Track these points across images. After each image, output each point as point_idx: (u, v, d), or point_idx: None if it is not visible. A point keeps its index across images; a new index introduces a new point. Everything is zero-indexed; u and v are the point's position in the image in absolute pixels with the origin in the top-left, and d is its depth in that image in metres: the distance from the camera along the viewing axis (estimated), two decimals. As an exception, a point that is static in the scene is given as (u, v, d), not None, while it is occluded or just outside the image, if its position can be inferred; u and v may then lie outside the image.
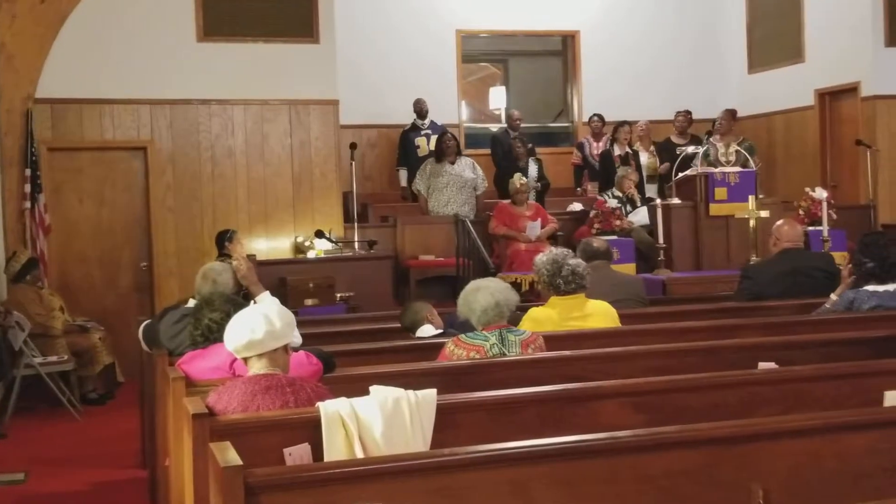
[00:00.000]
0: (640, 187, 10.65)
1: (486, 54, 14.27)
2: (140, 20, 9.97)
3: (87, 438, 7.72)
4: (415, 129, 11.65)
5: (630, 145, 11.26)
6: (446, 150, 10.79)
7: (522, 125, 12.06)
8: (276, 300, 3.78)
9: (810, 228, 9.28)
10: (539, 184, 10.99)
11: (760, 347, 4.93)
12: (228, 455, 2.83)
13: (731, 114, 11.15)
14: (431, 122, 11.67)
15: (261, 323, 3.63)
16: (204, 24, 10.12)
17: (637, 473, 3.11)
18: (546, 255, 5.48)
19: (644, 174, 11.12)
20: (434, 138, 11.34)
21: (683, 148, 10.64)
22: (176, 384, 4.14)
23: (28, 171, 9.45)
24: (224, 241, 9.21)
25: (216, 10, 10.12)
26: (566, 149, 13.01)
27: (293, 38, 10.32)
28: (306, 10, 10.32)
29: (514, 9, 12.91)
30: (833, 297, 6.04)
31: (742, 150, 9.84)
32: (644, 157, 11.25)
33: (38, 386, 8.29)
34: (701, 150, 10.04)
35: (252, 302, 4.88)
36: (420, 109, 11.64)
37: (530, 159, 11.17)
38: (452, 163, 10.81)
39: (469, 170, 10.88)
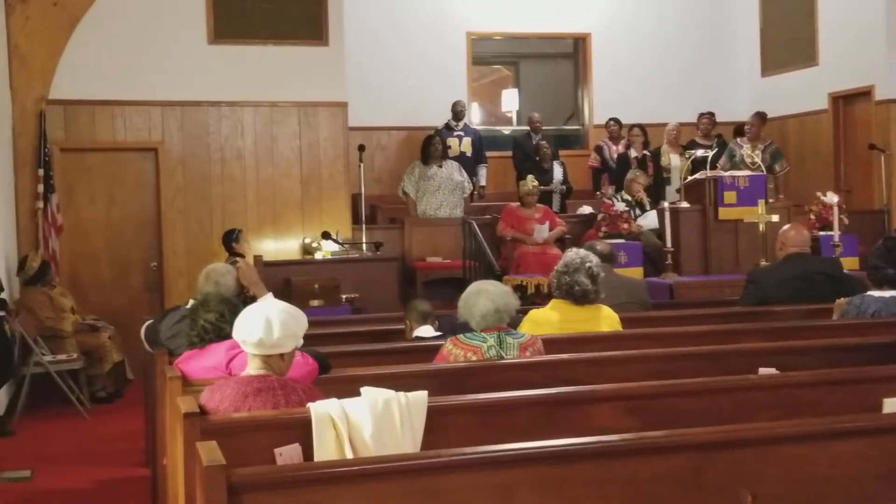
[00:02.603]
0: (657, 190, 10.59)
1: (497, 56, 14.26)
2: (151, 22, 10.04)
3: (95, 436, 7.76)
4: (448, 129, 11.65)
5: (648, 147, 11.22)
6: (433, 152, 10.78)
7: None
8: (286, 305, 3.71)
9: (821, 233, 9.24)
10: (563, 187, 10.97)
11: (761, 352, 4.90)
12: (213, 454, 2.83)
13: (760, 117, 11.09)
14: (465, 124, 11.68)
15: (259, 327, 3.62)
16: (214, 27, 10.18)
17: (625, 478, 3.09)
18: (567, 258, 5.43)
19: (675, 177, 11.04)
20: (467, 140, 11.36)
21: (693, 151, 10.60)
22: (172, 383, 4.15)
23: (41, 172, 9.54)
24: (231, 241, 9.25)
25: (227, 12, 10.18)
26: (578, 151, 12.99)
27: (303, 41, 10.37)
28: (316, 12, 10.36)
29: (524, 11, 12.89)
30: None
31: (766, 155, 9.82)
32: (675, 160, 11.14)
33: (48, 384, 8.34)
34: (711, 153, 10.00)
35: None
36: (457, 111, 11.63)
37: (555, 162, 11.15)
38: (440, 166, 10.81)
39: (457, 172, 10.90)
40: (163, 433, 4.91)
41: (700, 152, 10.36)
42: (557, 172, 11.02)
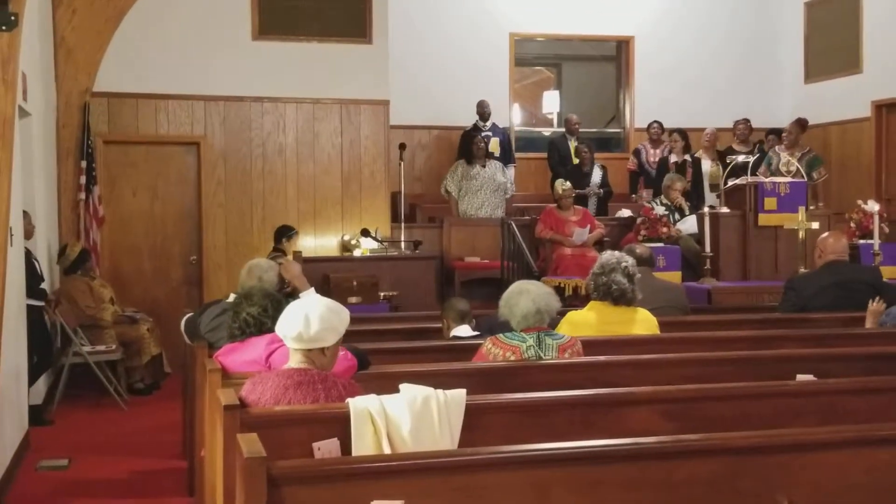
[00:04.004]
0: (697, 196, 10.55)
1: (539, 58, 14.25)
2: (196, 17, 10.13)
3: (132, 428, 7.83)
4: (476, 130, 11.66)
5: (690, 152, 11.18)
6: (477, 152, 10.81)
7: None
8: (328, 300, 3.74)
9: (861, 242, 9.16)
10: (602, 190, 10.96)
11: (799, 359, 4.88)
12: (253, 446, 2.86)
13: (800, 124, 11.01)
14: (493, 124, 11.69)
15: (297, 322, 3.65)
16: (259, 23, 10.26)
17: (659, 480, 3.10)
18: (603, 259, 5.44)
19: (707, 183, 11.02)
20: (495, 140, 11.38)
21: (734, 157, 10.55)
22: (212, 376, 4.20)
23: (84, 164, 9.65)
24: (283, 237, 9.34)
25: (271, 9, 10.26)
26: (618, 154, 12.95)
27: (346, 39, 10.43)
28: (360, 10, 10.42)
29: (568, 13, 12.86)
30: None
31: (803, 162, 9.75)
32: (707, 165, 11.13)
33: (87, 374, 8.44)
34: (752, 158, 9.95)
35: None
36: (483, 111, 11.65)
37: (595, 165, 11.14)
38: (483, 166, 10.83)
39: (500, 173, 10.92)
40: (201, 425, 4.97)
41: (741, 158, 10.31)
42: (596, 175, 11.00)
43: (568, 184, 10.04)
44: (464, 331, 5.39)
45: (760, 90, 13.21)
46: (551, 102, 14.01)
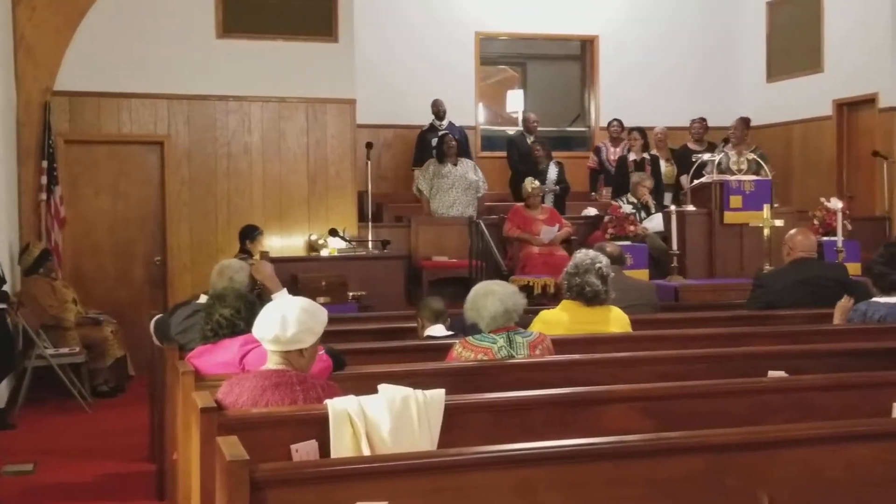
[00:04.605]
0: (656, 194, 10.64)
1: (504, 57, 14.27)
2: (160, 15, 10.03)
3: (97, 431, 7.75)
4: (432, 129, 11.66)
5: (648, 150, 11.25)
6: (448, 151, 10.81)
7: (539, 128, 12.04)
8: (304, 301, 3.71)
9: (825, 238, 9.25)
10: (558, 187, 11.00)
11: (770, 356, 4.91)
12: (235, 449, 2.83)
13: (744, 122, 11.13)
14: (450, 123, 11.67)
15: (274, 324, 3.63)
16: (223, 21, 10.18)
17: (643, 478, 3.10)
18: (577, 258, 5.43)
19: (663, 181, 11.11)
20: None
21: (700, 155, 10.62)
22: (185, 378, 4.16)
23: (45, 164, 9.52)
24: (248, 237, 9.28)
25: (236, 6, 10.19)
26: (583, 153, 12.99)
27: (312, 37, 10.37)
28: (326, 9, 10.37)
29: (533, 12, 12.89)
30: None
31: (756, 158, 9.83)
32: (662, 165, 11.23)
33: (50, 377, 8.33)
34: (717, 157, 10.02)
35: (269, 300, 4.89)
36: (438, 110, 11.64)
37: (550, 163, 11.16)
38: (455, 164, 10.83)
39: (472, 171, 10.92)
40: (172, 428, 4.92)
41: (707, 156, 10.38)
42: (552, 173, 11.02)
43: (537, 182, 10.06)
44: (438, 330, 5.37)
45: (724, 89, 13.32)
46: (516, 101, 14.04)
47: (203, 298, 5.18)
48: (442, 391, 3.61)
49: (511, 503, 3.01)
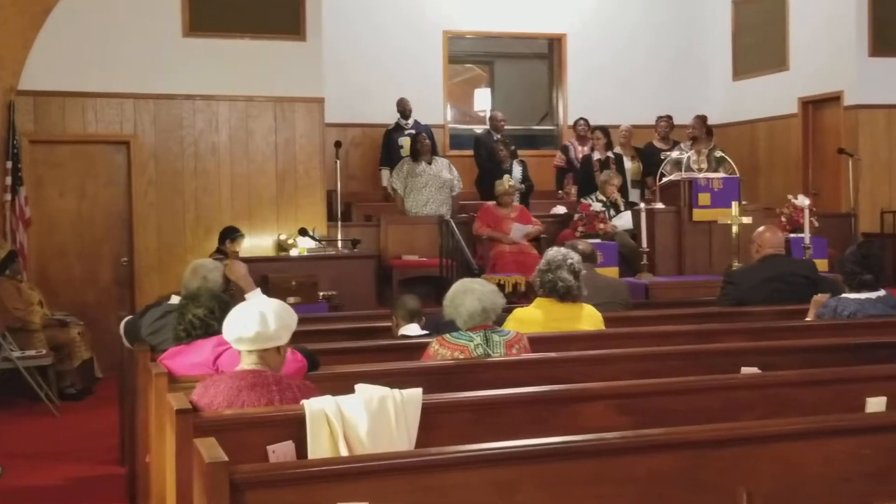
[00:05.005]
0: (623, 191, 10.69)
1: (471, 56, 14.28)
2: (126, 14, 9.92)
3: (65, 434, 7.66)
4: (398, 128, 11.64)
5: (611, 149, 11.31)
6: (422, 149, 10.80)
7: (507, 127, 12.06)
8: (274, 300, 3.71)
9: (792, 235, 9.32)
10: (523, 185, 11.00)
11: (743, 352, 4.94)
12: (214, 451, 2.81)
13: (701, 120, 11.21)
14: (415, 121, 11.66)
15: (254, 322, 3.61)
16: (190, 19, 10.08)
17: (622, 475, 3.11)
18: (549, 255, 5.44)
19: (628, 179, 11.17)
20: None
21: (667, 153, 10.68)
22: (158, 380, 4.12)
23: (9, 164, 9.39)
24: (227, 238, 9.22)
25: (202, 5, 10.08)
26: (550, 152, 13.00)
27: (280, 35, 10.28)
28: (293, 7, 10.29)
29: (500, 10, 12.91)
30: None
31: (716, 156, 9.91)
32: (627, 162, 11.30)
33: (16, 380, 8.22)
34: (685, 155, 10.08)
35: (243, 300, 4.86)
36: (404, 109, 11.62)
37: (514, 161, 11.17)
38: (429, 163, 10.81)
39: (446, 170, 10.90)
40: (144, 430, 4.87)
41: (676, 154, 10.44)
42: (516, 171, 11.04)
43: (513, 181, 10.07)
44: (413, 329, 5.35)
45: (691, 87, 13.41)
46: (483, 100, 14.05)
47: (175, 299, 5.13)
48: (419, 390, 3.60)
49: (491, 502, 3.00)
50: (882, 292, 5.85)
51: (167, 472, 3.66)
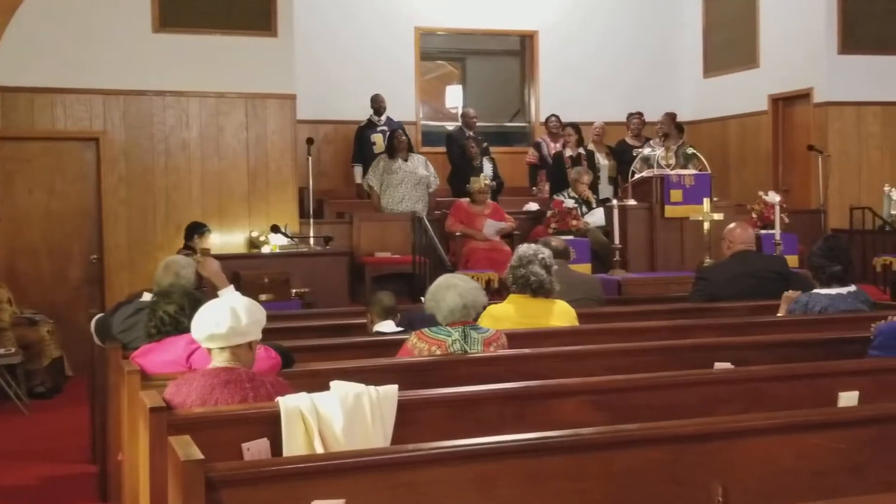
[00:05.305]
0: (595, 188, 10.72)
1: (443, 52, 14.26)
2: (95, 9, 9.82)
3: (35, 433, 7.59)
4: (371, 125, 11.61)
5: (583, 146, 11.34)
6: (398, 146, 10.77)
7: (479, 124, 12.05)
8: (243, 296, 3.72)
9: (762, 232, 9.39)
10: (494, 182, 11.01)
11: (716, 347, 4.95)
12: (189, 449, 2.79)
13: (670, 117, 11.25)
14: (388, 118, 11.63)
15: (226, 317, 3.59)
16: (160, 15, 9.99)
17: (600, 470, 3.11)
18: (520, 251, 5.44)
19: (603, 175, 11.20)
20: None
21: (639, 150, 10.73)
22: (131, 377, 4.08)
23: (-23, 161, 9.30)
24: (195, 233, 9.14)
25: (173, 0, 10.00)
26: (523, 148, 13.02)
27: (251, 31, 10.21)
28: (264, 3, 10.22)
29: (472, 7, 12.91)
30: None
31: (685, 153, 9.97)
32: (601, 159, 11.33)
33: (-16, 379, 8.14)
34: (658, 152, 10.13)
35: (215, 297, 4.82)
36: (378, 106, 11.60)
37: (484, 158, 11.17)
38: (405, 160, 10.79)
39: (422, 167, 10.88)
40: (116, 428, 4.83)
41: (648, 150, 10.49)
42: (487, 168, 11.05)
43: (489, 178, 10.08)
44: (388, 326, 5.34)
45: (662, 85, 13.46)
46: (455, 97, 14.04)
47: (146, 296, 5.09)
48: (395, 387, 3.59)
49: (469, 498, 3.00)
50: (853, 288, 5.89)
51: (140, 470, 3.63)
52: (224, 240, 10.07)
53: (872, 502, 2.99)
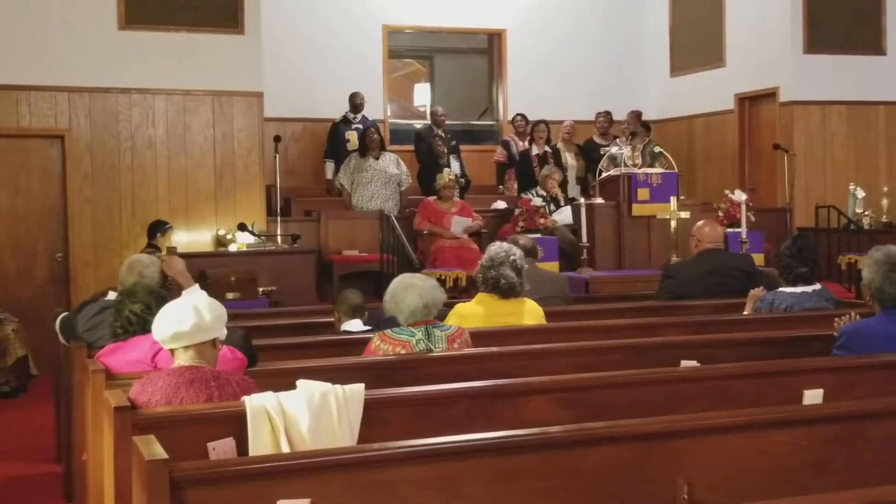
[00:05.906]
0: (564, 187, 10.74)
1: (411, 50, 14.24)
2: (61, 5, 9.71)
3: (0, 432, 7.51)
4: (346, 122, 11.57)
5: (550, 144, 11.36)
6: (371, 144, 10.75)
7: (447, 122, 12.04)
8: (204, 294, 3.71)
9: (729, 230, 9.44)
10: (463, 180, 11.01)
11: (683, 345, 4.99)
12: (153, 449, 2.77)
13: (636, 115, 11.30)
14: (364, 117, 11.60)
15: (189, 315, 3.56)
16: (126, 12, 9.89)
17: (566, 468, 3.12)
18: (491, 251, 5.43)
19: (571, 174, 11.24)
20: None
21: (607, 148, 10.77)
22: (95, 377, 4.05)
23: (-60, 158, 9.18)
24: (157, 232, 9.07)
25: (139, -4, 9.93)
26: (491, 147, 13.04)
27: (218, 28, 10.13)
28: (232, 0, 10.17)
29: (440, 5, 12.91)
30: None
31: (652, 151, 10.02)
32: (570, 158, 11.36)
33: (-52, 378, 8.06)
34: (625, 150, 10.17)
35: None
36: (356, 104, 11.55)
37: (451, 156, 11.17)
38: (377, 158, 10.76)
39: (393, 165, 10.85)
40: (81, 428, 4.79)
41: (615, 149, 10.54)
42: (455, 167, 11.05)
43: (454, 174, 10.07)
44: (355, 325, 5.33)
45: (629, 84, 13.51)
46: (423, 95, 14.03)
47: (111, 295, 5.05)
48: (361, 386, 3.58)
49: (435, 497, 3.00)
50: (818, 286, 5.95)
51: (105, 470, 3.61)
52: (191, 238, 10.01)
53: (836, 500, 3.01)
